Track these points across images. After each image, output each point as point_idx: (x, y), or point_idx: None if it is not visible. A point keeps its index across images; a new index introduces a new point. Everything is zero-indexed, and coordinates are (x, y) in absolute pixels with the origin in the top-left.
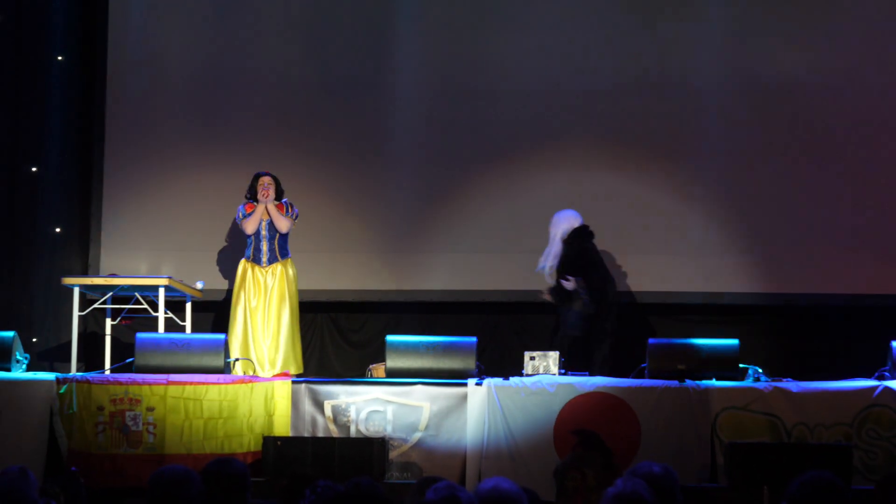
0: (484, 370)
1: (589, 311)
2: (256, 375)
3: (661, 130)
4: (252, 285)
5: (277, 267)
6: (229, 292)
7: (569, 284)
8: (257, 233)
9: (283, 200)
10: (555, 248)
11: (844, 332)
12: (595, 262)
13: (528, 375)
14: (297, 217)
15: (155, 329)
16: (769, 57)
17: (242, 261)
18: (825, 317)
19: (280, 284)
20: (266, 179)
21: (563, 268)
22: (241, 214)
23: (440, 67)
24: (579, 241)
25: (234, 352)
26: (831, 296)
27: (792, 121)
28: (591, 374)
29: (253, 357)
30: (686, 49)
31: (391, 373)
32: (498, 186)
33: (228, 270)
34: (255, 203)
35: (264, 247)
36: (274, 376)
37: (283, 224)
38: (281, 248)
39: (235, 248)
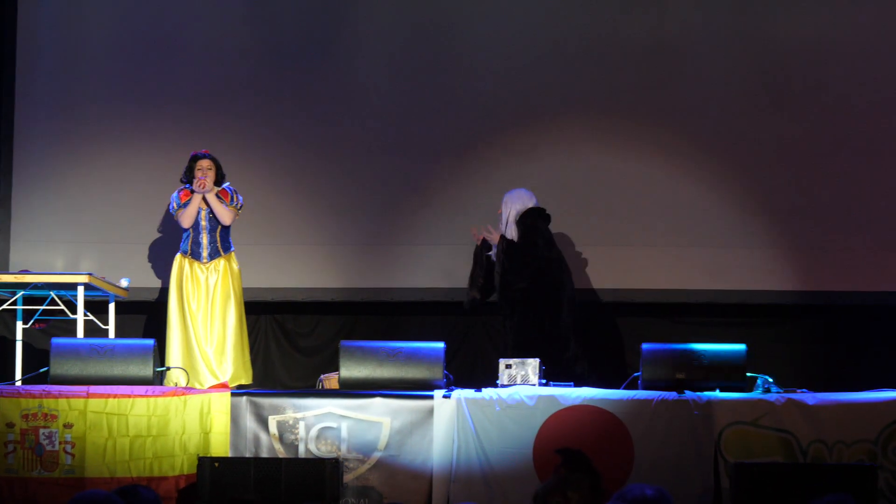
0: (453, 380)
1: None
2: (190, 387)
3: (659, 103)
4: (191, 284)
5: (220, 262)
6: (162, 291)
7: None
8: (196, 224)
9: (226, 186)
10: (508, 232)
11: (869, 336)
12: (537, 245)
13: (503, 386)
14: (241, 206)
15: (73, 333)
16: (794, 21)
17: (178, 256)
18: (846, 318)
19: (224, 282)
20: (204, 163)
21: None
22: (175, 204)
23: (407, 32)
24: (531, 219)
25: (173, 360)
26: (853, 294)
27: (817, 102)
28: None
29: (201, 366)
30: (697, 14)
31: (346, 383)
32: (470, 170)
33: (159, 266)
34: (192, 189)
35: (204, 240)
36: (210, 388)
37: (226, 216)
38: (223, 240)
39: (167, 241)
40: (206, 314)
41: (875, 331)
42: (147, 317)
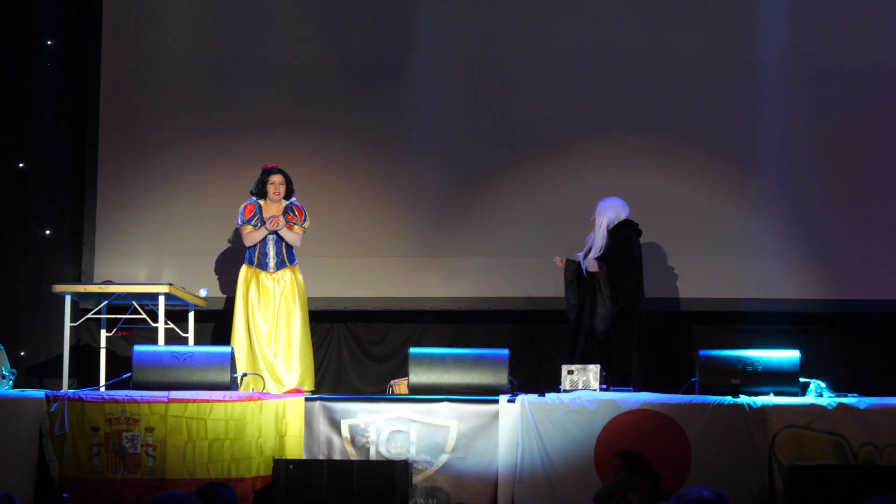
0: (517, 385)
1: (610, 309)
2: (266, 392)
3: (714, 121)
4: (258, 294)
5: (286, 272)
6: (230, 301)
7: (592, 266)
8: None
9: (295, 202)
10: (598, 239)
11: None
12: (635, 257)
13: (566, 391)
14: (306, 223)
15: (154, 341)
16: (841, 40)
17: (244, 267)
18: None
19: (291, 292)
20: (277, 178)
21: (604, 259)
22: (240, 219)
23: (468, 52)
24: (625, 231)
25: (240, 367)
26: None
27: (864, 111)
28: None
29: (265, 374)
30: (745, 29)
31: (415, 389)
32: (533, 182)
33: (235, 276)
34: (257, 203)
35: (271, 251)
36: (286, 393)
37: (294, 239)
38: (289, 252)
39: (242, 252)
40: (273, 323)
41: None
42: (224, 325)
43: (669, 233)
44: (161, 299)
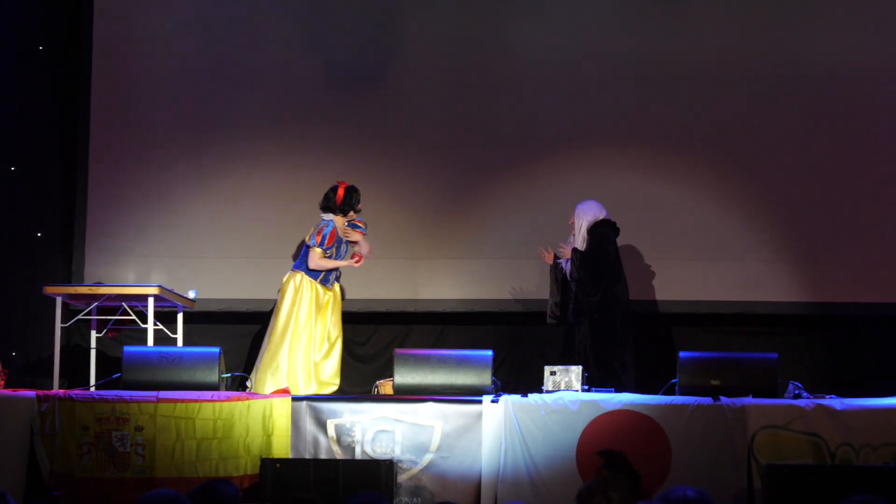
0: (501, 386)
1: (580, 300)
2: (253, 392)
3: (695, 127)
4: (315, 302)
5: (336, 285)
6: (228, 302)
7: (563, 252)
8: (335, 255)
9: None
10: (578, 240)
11: (894, 345)
12: (609, 252)
13: (548, 392)
14: None
15: (144, 342)
16: (818, 46)
17: (301, 276)
18: (872, 328)
19: (340, 300)
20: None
21: (586, 264)
22: (320, 244)
23: (454, 58)
24: (602, 229)
25: (283, 368)
26: (879, 305)
27: (841, 118)
28: (618, 388)
29: (310, 374)
30: (724, 36)
31: (400, 389)
32: (518, 185)
33: (225, 278)
34: (333, 219)
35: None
36: (273, 393)
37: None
38: None
39: (234, 255)
40: (325, 329)
41: (892, 339)
42: (213, 326)
43: (653, 235)
44: (150, 300)
